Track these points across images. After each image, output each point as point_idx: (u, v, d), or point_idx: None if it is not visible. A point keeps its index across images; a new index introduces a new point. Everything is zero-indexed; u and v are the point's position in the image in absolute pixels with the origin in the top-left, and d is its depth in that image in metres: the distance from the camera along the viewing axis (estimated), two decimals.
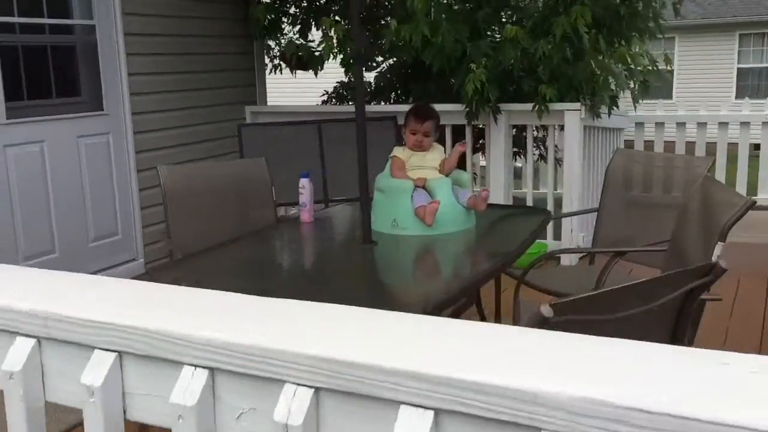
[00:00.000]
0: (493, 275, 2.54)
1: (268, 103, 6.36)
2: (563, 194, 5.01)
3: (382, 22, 5.69)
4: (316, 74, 5.43)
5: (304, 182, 3.05)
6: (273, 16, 5.62)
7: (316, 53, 5.43)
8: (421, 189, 2.79)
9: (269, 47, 6.04)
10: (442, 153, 2.96)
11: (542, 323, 1.35)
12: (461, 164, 5.22)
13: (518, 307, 2.87)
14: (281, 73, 6.08)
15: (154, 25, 5.02)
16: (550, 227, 5.20)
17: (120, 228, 4.90)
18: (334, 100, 6.38)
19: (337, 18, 5.53)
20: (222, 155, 5.27)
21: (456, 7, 5.22)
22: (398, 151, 2.92)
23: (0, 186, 4.11)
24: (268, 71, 6.25)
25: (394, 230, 2.74)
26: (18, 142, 4.22)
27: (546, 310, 1.34)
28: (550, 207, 5.20)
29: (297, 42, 5.60)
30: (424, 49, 4.78)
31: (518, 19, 5.27)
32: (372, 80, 6.28)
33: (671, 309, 1.65)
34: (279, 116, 5.73)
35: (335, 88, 6.42)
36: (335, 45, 5.04)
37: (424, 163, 2.88)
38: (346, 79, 6.17)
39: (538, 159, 6.60)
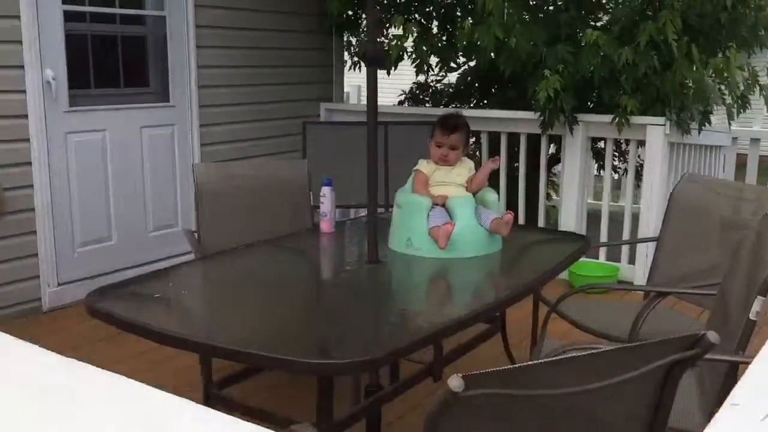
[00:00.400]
0: (507, 305, 2.29)
1: (357, 101, 6.24)
2: (640, 215, 4.61)
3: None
4: (388, 73, 5.25)
5: (325, 190, 2.89)
6: (351, 11, 5.48)
7: (390, 52, 5.25)
8: (441, 207, 2.56)
9: (350, 44, 5.91)
10: (470, 169, 2.72)
11: (453, 398, 1.13)
12: (537, 183, 4.91)
13: (541, 340, 2.59)
14: (359, 70, 5.94)
15: (226, 18, 4.99)
16: (625, 250, 4.81)
17: (180, 220, 4.91)
18: (410, 101, 6.18)
19: (416, 16, 5.33)
20: (289, 152, 5.19)
21: (538, 9, 4.91)
22: (422, 165, 2.70)
23: (60, 172, 4.19)
24: (348, 68, 6.13)
25: (409, 250, 2.53)
26: (80, 129, 4.28)
27: (455, 383, 1.12)
28: (626, 226, 4.81)
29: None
30: (498, 52, 4.50)
31: (606, 24, 4.89)
32: (453, 82, 6.03)
33: (651, 384, 1.37)
34: (354, 115, 5.61)
35: (411, 88, 6.22)
36: (407, 44, 4.85)
37: (449, 179, 2.65)
38: (422, 79, 5.97)
39: (623, 173, 6.16)
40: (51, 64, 4.08)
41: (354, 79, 7.34)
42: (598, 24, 5.07)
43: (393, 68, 5.37)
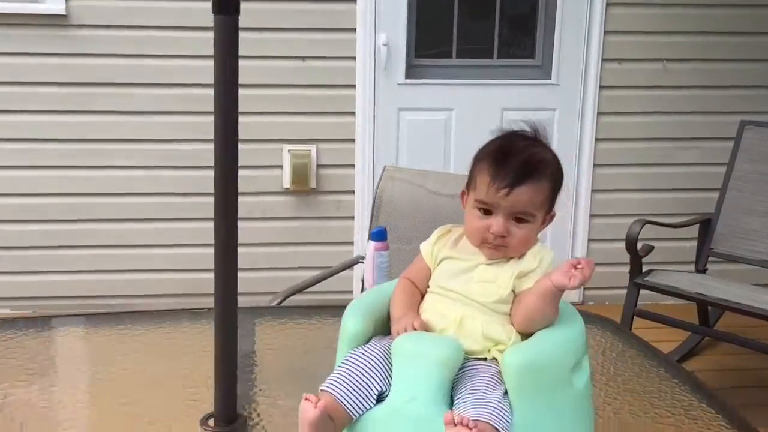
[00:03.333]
0: None
1: None
2: None
3: None
4: None
5: (369, 249, 1.60)
6: None
7: None
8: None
9: None
10: (528, 272, 1.09)
11: None
12: None
13: None
14: None
15: None
16: None
17: (549, 236, 3.74)
18: None
19: None
20: (718, 165, 3.39)
21: None
22: (430, 241, 1.20)
23: (387, 154, 3.58)
24: None
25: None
26: (417, 106, 3.56)
27: None
28: None
29: None
30: None
31: None
32: None
33: None
34: None
35: None
36: None
37: (466, 286, 1.11)
38: None
39: None
40: (388, 26, 3.45)
41: None
42: None
43: None
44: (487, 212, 1.12)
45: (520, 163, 1.11)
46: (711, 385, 2.99)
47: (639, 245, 2.91)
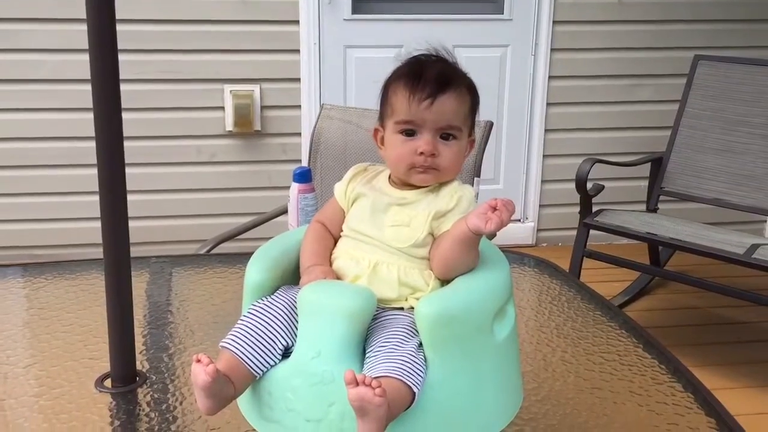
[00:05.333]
0: None
1: None
2: None
3: None
4: None
5: (293, 190, 1.49)
6: None
7: None
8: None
9: None
10: (457, 208, 1.00)
11: None
12: None
13: None
14: None
15: None
16: None
17: (502, 176, 3.67)
18: None
19: None
20: (671, 102, 3.31)
21: None
22: (346, 178, 1.10)
23: (335, 93, 3.44)
24: None
25: None
26: (364, 43, 3.41)
27: None
28: None
29: None
30: None
31: None
32: None
33: None
34: None
35: None
36: None
37: (379, 232, 1.01)
38: None
39: None
40: None
41: None
42: None
43: None
44: (411, 133, 1.03)
45: (437, 74, 1.03)
46: (661, 323, 3.00)
47: (589, 185, 2.84)
